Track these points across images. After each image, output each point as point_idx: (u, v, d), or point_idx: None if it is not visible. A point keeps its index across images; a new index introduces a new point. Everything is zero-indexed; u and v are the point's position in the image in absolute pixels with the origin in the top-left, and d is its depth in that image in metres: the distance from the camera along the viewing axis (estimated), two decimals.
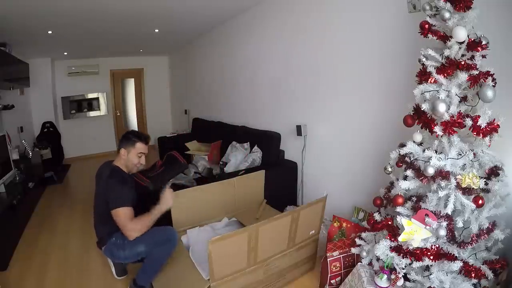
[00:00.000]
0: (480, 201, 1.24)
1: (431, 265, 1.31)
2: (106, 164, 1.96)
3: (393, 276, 1.40)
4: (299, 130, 2.72)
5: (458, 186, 1.25)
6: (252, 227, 1.57)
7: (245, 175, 2.45)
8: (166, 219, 2.01)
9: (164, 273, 1.82)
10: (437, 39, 1.33)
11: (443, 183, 1.28)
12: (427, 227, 1.28)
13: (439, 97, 1.27)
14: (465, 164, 1.29)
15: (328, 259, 1.75)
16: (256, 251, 1.64)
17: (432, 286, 1.26)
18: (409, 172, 1.40)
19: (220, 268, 1.53)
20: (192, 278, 1.66)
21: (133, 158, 1.88)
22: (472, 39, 1.24)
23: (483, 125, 1.21)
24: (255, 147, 3.18)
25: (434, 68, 1.31)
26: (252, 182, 2.44)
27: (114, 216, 1.67)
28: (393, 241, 1.40)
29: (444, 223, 1.28)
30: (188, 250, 1.89)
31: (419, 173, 1.35)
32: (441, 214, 1.30)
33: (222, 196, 2.26)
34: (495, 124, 1.22)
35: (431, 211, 1.31)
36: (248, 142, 3.35)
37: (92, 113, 6.23)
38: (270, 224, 1.64)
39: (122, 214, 1.66)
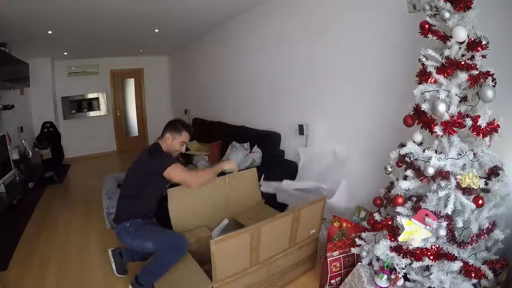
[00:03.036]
0: (480, 201, 1.24)
1: (431, 265, 1.31)
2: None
3: (393, 276, 1.40)
4: (301, 129, 2.72)
5: (458, 186, 1.25)
6: (253, 226, 1.56)
7: (237, 173, 2.37)
8: (166, 220, 2.01)
9: (166, 274, 1.80)
10: (437, 39, 1.33)
11: (443, 183, 1.28)
12: (427, 227, 1.28)
13: (439, 97, 1.27)
14: (465, 164, 1.29)
15: (328, 259, 1.75)
16: (258, 250, 1.64)
17: (432, 286, 1.26)
18: (409, 172, 1.40)
19: (223, 268, 1.52)
20: (195, 280, 1.64)
21: (176, 145, 1.99)
22: (472, 39, 1.24)
23: (483, 125, 1.21)
24: (255, 147, 3.17)
25: (434, 68, 1.31)
26: (246, 181, 2.38)
27: (168, 176, 1.81)
28: (393, 241, 1.40)
29: (444, 223, 1.28)
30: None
31: (419, 173, 1.35)
32: (441, 214, 1.30)
33: (220, 196, 2.23)
34: (495, 124, 1.22)
35: (431, 211, 1.31)
36: (248, 142, 3.34)
37: (92, 113, 6.23)
38: (272, 223, 1.64)
39: (174, 171, 1.79)
